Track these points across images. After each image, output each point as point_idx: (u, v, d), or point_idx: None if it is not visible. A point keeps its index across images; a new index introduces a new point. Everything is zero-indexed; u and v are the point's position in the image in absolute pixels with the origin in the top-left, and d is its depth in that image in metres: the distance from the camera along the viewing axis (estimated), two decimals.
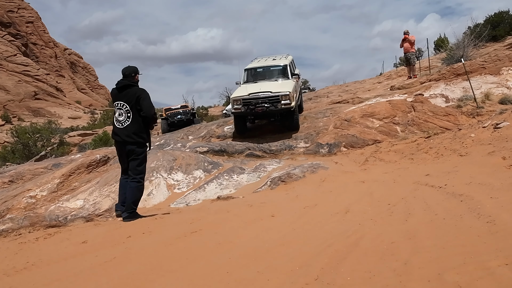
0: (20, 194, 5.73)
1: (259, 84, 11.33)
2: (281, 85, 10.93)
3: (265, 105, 10.25)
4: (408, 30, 15.68)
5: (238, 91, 11.31)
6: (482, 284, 2.03)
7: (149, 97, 5.16)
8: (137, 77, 5.29)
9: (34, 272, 3.24)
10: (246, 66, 12.58)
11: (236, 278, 2.68)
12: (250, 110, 10.44)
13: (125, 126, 5.07)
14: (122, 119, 5.09)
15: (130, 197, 5.07)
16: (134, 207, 5.11)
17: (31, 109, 55.12)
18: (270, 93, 10.32)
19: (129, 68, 5.28)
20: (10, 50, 59.80)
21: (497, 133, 6.83)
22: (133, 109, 5.06)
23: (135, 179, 5.10)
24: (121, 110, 5.11)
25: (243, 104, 10.51)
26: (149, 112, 5.08)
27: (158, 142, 12.29)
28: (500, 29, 19.06)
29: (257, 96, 10.40)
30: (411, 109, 10.71)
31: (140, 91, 5.15)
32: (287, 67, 11.93)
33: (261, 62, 12.81)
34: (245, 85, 11.67)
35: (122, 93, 5.15)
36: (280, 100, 10.20)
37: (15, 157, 16.50)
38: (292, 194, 5.84)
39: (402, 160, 7.78)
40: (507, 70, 12.01)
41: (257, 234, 3.83)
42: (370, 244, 3.04)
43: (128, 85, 5.15)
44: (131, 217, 5.00)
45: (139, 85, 5.30)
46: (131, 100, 5.06)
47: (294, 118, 10.78)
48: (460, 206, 3.73)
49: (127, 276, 2.92)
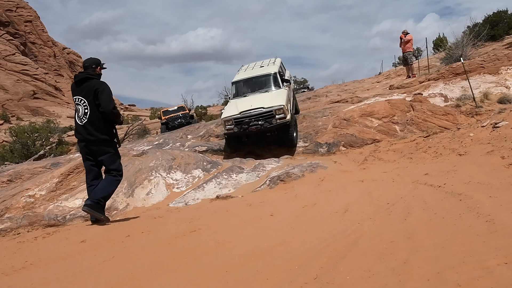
0: (18, 193, 5.72)
1: (249, 98, 10.50)
2: (273, 98, 10.14)
3: (258, 123, 9.54)
4: (405, 30, 15.71)
5: (228, 109, 10.42)
6: (481, 283, 2.03)
7: (108, 91, 4.68)
8: (98, 69, 4.84)
9: (33, 271, 3.24)
10: (233, 79, 11.69)
11: (235, 277, 2.68)
12: (244, 130, 9.68)
13: (85, 124, 4.65)
14: (81, 115, 4.67)
15: (101, 186, 4.70)
16: (102, 199, 4.66)
17: (29, 108, 55.02)
18: (263, 109, 9.61)
19: (89, 60, 4.87)
20: (8, 49, 59.65)
21: (496, 132, 6.84)
22: (92, 104, 4.62)
23: (111, 173, 4.76)
24: (79, 105, 4.68)
25: (235, 124, 9.77)
26: (107, 107, 4.58)
27: (157, 142, 12.28)
28: (499, 29, 19.09)
29: (249, 113, 9.66)
30: (410, 108, 10.72)
31: (98, 83, 4.68)
32: (276, 75, 11.10)
33: (248, 72, 11.93)
34: (234, 100, 10.84)
35: (80, 87, 4.71)
36: (274, 115, 9.52)
37: (14, 156, 16.45)
38: (291, 194, 5.84)
39: (401, 159, 7.78)
40: (506, 70, 12.02)
41: (256, 233, 3.83)
42: (369, 243, 3.04)
43: (86, 78, 4.71)
44: (93, 207, 4.55)
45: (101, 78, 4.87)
46: (89, 95, 4.62)
47: (289, 133, 9.94)
48: (459, 205, 3.73)
49: (126, 276, 2.91)
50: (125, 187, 6.22)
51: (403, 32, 15.56)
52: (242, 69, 12.45)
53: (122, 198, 5.97)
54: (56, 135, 21.77)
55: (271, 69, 11.40)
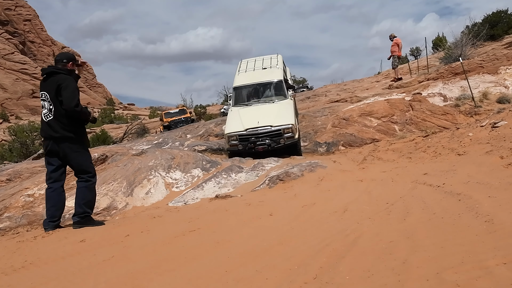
0: (18, 192, 5.71)
1: (254, 110, 9.81)
2: (280, 113, 9.50)
3: (265, 142, 9.11)
4: (393, 34, 15.59)
5: (232, 123, 9.75)
6: (481, 283, 2.03)
7: (72, 86, 4.34)
8: (70, 64, 4.51)
9: (32, 271, 3.23)
10: (234, 83, 10.95)
11: (235, 277, 2.68)
12: (250, 149, 9.20)
13: (49, 120, 4.38)
14: (46, 112, 4.42)
15: (79, 199, 4.48)
16: (87, 210, 4.51)
17: (28, 107, 55.00)
18: (271, 127, 9.11)
19: (62, 54, 4.64)
20: (7, 48, 59.60)
21: (495, 132, 6.85)
22: (54, 100, 4.34)
23: (82, 178, 4.50)
24: (45, 101, 4.42)
25: (240, 140, 9.27)
26: (68, 104, 4.25)
27: (156, 141, 12.28)
28: (498, 28, 19.11)
29: (256, 131, 9.16)
30: (409, 108, 10.73)
31: (62, 79, 4.34)
32: (282, 83, 10.45)
33: (250, 74, 11.12)
34: (237, 110, 10.10)
35: (45, 82, 4.44)
36: (282, 134, 9.08)
37: (13, 155, 16.44)
38: (290, 193, 5.84)
39: (400, 159, 7.79)
40: (505, 69, 12.04)
41: (255, 233, 3.83)
42: (369, 243, 3.05)
43: (52, 72, 4.42)
44: (83, 223, 4.45)
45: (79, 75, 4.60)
46: (52, 90, 4.34)
47: (297, 148, 9.58)
48: (458, 205, 3.74)
49: (126, 275, 2.91)
50: (124, 187, 6.22)
51: (390, 36, 15.47)
52: (242, 67, 11.70)
53: (121, 197, 5.97)
54: None
55: (275, 75, 10.70)
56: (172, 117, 23.02)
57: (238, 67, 11.76)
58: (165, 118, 23.16)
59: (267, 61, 11.56)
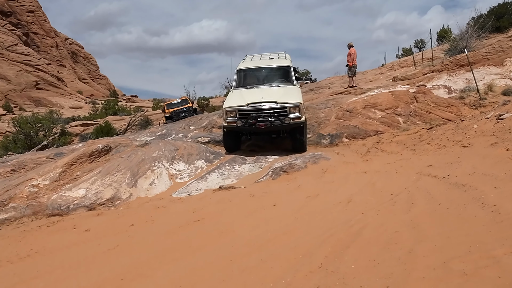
0: (22, 183, 5.73)
1: (257, 91, 8.78)
2: (286, 93, 8.54)
3: (269, 119, 7.99)
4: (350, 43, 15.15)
5: (232, 99, 8.72)
6: (488, 272, 2.02)
7: None
8: None
9: (38, 259, 3.25)
10: (238, 67, 9.97)
11: (240, 266, 2.68)
12: (250, 126, 8.07)
13: None
14: None
15: None
16: None
17: (32, 99, 55.07)
18: (276, 103, 8.07)
19: None
20: (11, 39, 59.55)
21: (500, 124, 6.80)
22: None
23: None
24: None
25: (240, 117, 8.16)
26: None
27: (159, 132, 12.27)
28: (504, 20, 18.89)
29: (259, 107, 8.07)
30: (414, 100, 10.66)
31: None
32: (290, 69, 9.57)
33: (256, 62, 10.18)
34: (238, 91, 9.09)
35: None
36: (287, 113, 8.04)
37: (17, 146, 16.50)
38: (294, 185, 5.83)
39: (404, 151, 7.75)
40: (510, 61, 11.92)
41: (259, 224, 3.83)
42: (373, 233, 3.04)
43: None
44: None
45: None
46: None
47: (302, 136, 8.46)
48: (463, 196, 3.72)
49: (130, 264, 2.92)
50: (128, 177, 6.23)
51: (348, 45, 15.13)
52: (248, 58, 10.78)
53: (125, 188, 5.98)
54: (59, 125, 21.83)
55: (285, 62, 9.92)
56: (174, 107, 22.80)
57: (243, 60, 10.98)
58: (167, 109, 23.01)
59: (275, 55, 10.90)
